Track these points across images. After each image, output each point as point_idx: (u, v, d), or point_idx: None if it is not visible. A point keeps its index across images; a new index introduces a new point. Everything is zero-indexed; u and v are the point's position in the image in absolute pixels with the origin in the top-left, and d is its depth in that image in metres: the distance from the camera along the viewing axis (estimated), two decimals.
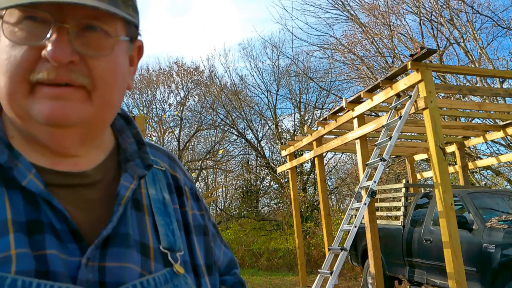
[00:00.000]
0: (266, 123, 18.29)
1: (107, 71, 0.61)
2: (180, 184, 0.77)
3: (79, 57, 0.58)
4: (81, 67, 0.59)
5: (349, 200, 15.55)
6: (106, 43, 0.61)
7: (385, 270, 6.69)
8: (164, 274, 0.64)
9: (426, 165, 13.39)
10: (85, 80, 0.59)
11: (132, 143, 0.72)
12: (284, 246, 13.10)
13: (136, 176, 0.67)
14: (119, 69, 0.64)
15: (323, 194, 8.39)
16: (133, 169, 0.68)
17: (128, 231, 0.63)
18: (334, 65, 15.40)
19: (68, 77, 0.58)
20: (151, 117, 18.43)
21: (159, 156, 0.78)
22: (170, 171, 0.77)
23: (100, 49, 0.60)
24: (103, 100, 0.62)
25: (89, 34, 0.59)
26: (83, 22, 0.59)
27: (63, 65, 0.57)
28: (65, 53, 0.57)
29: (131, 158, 0.70)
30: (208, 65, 27.86)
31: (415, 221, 6.40)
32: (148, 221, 0.67)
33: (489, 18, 11.33)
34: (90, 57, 0.59)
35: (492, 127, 8.28)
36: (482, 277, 4.94)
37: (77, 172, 0.64)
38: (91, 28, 0.59)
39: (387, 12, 12.36)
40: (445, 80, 11.41)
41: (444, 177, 4.91)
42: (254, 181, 18.57)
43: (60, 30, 0.57)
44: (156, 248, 0.65)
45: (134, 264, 0.62)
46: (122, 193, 0.64)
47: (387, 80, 5.89)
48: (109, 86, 0.62)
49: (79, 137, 0.63)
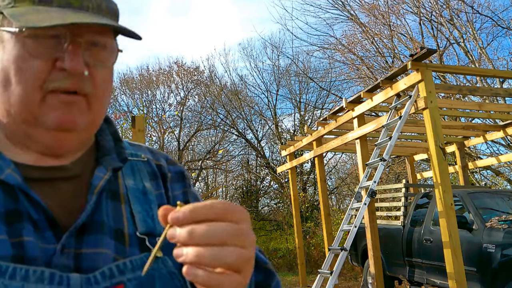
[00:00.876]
0: (266, 123, 18.31)
1: (105, 80, 0.69)
2: (164, 171, 0.82)
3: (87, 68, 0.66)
4: (88, 77, 0.66)
5: (349, 200, 15.55)
6: (106, 55, 0.69)
7: (385, 270, 6.69)
8: (141, 257, 0.68)
9: (426, 165, 13.39)
10: (89, 89, 0.67)
11: (110, 140, 0.78)
12: (284, 246, 13.10)
13: (110, 168, 0.72)
14: (111, 78, 0.72)
15: (323, 194, 8.39)
16: (108, 162, 0.73)
17: (103, 219, 0.67)
18: (334, 65, 15.41)
19: (79, 86, 0.65)
20: (151, 117, 18.43)
21: (140, 151, 0.83)
22: (153, 161, 0.82)
23: (103, 60, 0.68)
24: (99, 107, 0.70)
25: (93, 48, 0.67)
26: (91, 38, 0.67)
27: (77, 75, 0.65)
28: (81, 65, 0.64)
29: (107, 153, 0.75)
30: (208, 65, 27.89)
31: (415, 221, 6.40)
32: (125, 209, 0.71)
33: (489, 18, 11.34)
34: (94, 68, 0.67)
35: (492, 127, 8.28)
36: (482, 277, 4.94)
37: (56, 166, 0.69)
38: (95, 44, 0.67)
39: (387, 12, 12.36)
40: (445, 80, 11.41)
41: (444, 177, 4.91)
42: (254, 181, 18.57)
43: (75, 44, 0.64)
44: (131, 234, 0.69)
45: (107, 249, 0.65)
46: (95, 183, 0.68)
47: (387, 80, 5.89)
48: (104, 94, 0.70)
49: (75, 141, 0.70)
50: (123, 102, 20.37)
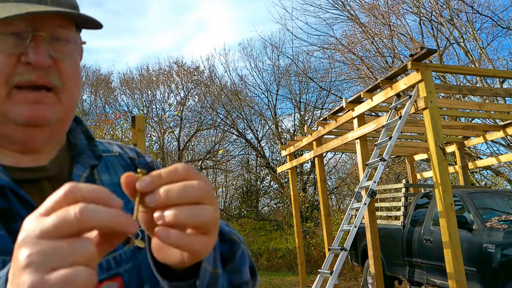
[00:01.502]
0: (266, 123, 18.30)
1: (72, 73, 0.71)
2: (136, 163, 0.84)
3: (52, 61, 0.67)
4: (54, 70, 0.68)
5: (349, 200, 15.55)
6: (70, 48, 0.70)
7: (385, 270, 6.69)
8: (128, 250, 0.69)
9: (426, 165, 13.39)
10: (57, 82, 0.68)
11: (82, 139, 0.80)
12: (284, 246, 13.10)
13: (88, 166, 0.74)
14: (78, 71, 0.74)
15: (323, 194, 8.40)
16: (85, 160, 0.75)
17: None
18: (334, 65, 15.41)
19: (46, 79, 0.66)
20: (151, 117, 18.43)
21: (111, 147, 0.85)
22: (126, 155, 0.84)
23: (67, 53, 0.70)
24: (69, 100, 0.71)
25: (57, 41, 0.68)
26: (53, 31, 0.68)
27: (42, 68, 0.66)
28: (45, 58, 0.65)
29: (82, 152, 0.77)
30: (208, 65, 27.87)
31: (415, 221, 6.40)
32: None
33: (489, 18, 11.34)
34: (60, 61, 0.68)
35: (492, 127, 8.28)
36: (482, 277, 4.94)
37: (36, 166, 0.70)
38: (58, 38, 0.69)
39: (387, 12, 12.36)
40: (445, 80, 11.41)
41: (444, 177, 4.91)
42: (254, 181, 18.57)
43: (38, 38, 0.66)
44: None
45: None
46: (75, 181, 0.70)
47: (387, 80, 5.89)
48: (73, 87, 0.71)
49: (48, 135, 0.70)
50: (123, 102, 20.41)
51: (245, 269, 0.70)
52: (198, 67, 19.56)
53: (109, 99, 20.30)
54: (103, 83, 20.54)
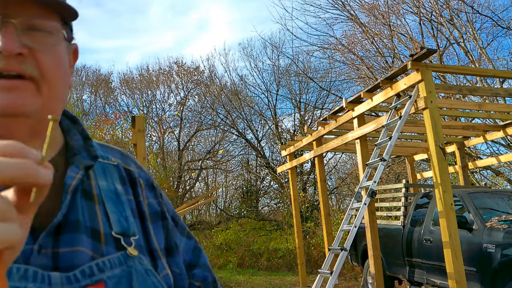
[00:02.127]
0: (266, 123, 18.30)
1: (53, 65, 0.67)
2: (133, 176, 0.82)
3: (28, 50, 0.64)
4: (30, 60, 0.65)
5: (349, 200, 15.55)
6: (50, 39, 0.67)
7: (385, 270, 6.69)
8: (118, 256, 0.68)
9: (426, 165, 13.39)
10: (35, 72, 0.65)
11: (78, 139, 0.77)
12: (284, 246, 13.10)
13: (82, 167, 0.72)
14: (63, 64, 0.70)
15: (323, 194, 8.40)
16: (79, 161, 0.73)
17: (78, 217, 0.67)
18: (334, 65, 15.41)
19: (18, 68, 0.63)
20: (151, 117, 18.43)
21: (110, 153, 0.83)
22: (123, 165, 0.82)
23: (46, 44, 0.67)
24: (50, 92, 0.67)
25: (35, 33, 0.66)
26: (28, 21, 0.65)
27: (13, 56, 0.63)
28: (14, 45, 0.62)
29: (77, 152, 0.75)
30: (208, 65, 27.85)
31: (415, 221, 6.40)
32: (99, 209, 0.71)
33: (489, 18, 11.33)
34: (38, 51, 0.65)
35: (492, 127, 8.28)
36: (482, 277, 4.94)
37: None
38: (36, 29, 0.66)
39: (387, 12, 12.36)
40: (445, 80, 11.41)
41: (444, 177, 4.91)
42: (254, 181, 18.57)
43: (7, 24, 0.63)
44: (107, 234, 0.69)
45: (85, 247, 0.66)
46: (68, 182, 0.69)
47: (387, 80, 5.89)
48: (55, 79, 0.68)
49: (30, 128, 0.67)
50: (123, 102, 20.42)
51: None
52: (198, 67, 19.57)
53: (109, 99, 20.31)
54: (103, 83, 20.54)
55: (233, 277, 10.78)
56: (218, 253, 13.88)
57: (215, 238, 14.63)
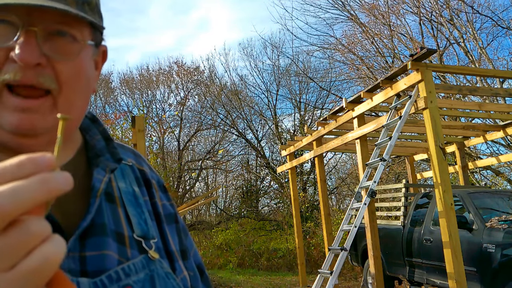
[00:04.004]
0: (266, 123, 18.30)
1: (73, 76, 0.63)
2: (147, 177, 0.80)
3: (46, 60, 0.60)
4: (48, 71, 0.61)
5: (349, 200, 15.55)
6: (73, 47, 0.63)
7: (385, 270, 6.69)
8: (140, 260, 0.67)
9: (426, 165, 13.39)
10: (52, 84, 0.61)
11: (100, 139, 0.75)
12: (284, 246, 13.10)
13: (108, 170, 0.70)
14: (84, 73, 0.66)
15: (323, 194, 8.39)
16: (105, 163, 0.71)
17: (104, 221, 0.66)
18: (334, 65, 15.42)
19: (35, 80, 0.60)
20: (151, 117, 18.43)
21: (125, 153, 0.80)
22: (137, 166, 0.80)
23: (67, 53, 0.62)
24: (68, 104, 0.64)
25: (57, 38, 0.61)
26: (51, 27, 0.61)
27: (31, 67, 0.59)
28: (33, 55, 0.59)
29: (100, 154, 0.72)
30: (208, 65, 27.86)
31: (415, 221, 6.40)
32: (121, 212, 0.70)
33: (489, 18, 11.34)
34: (57, 61, 0.61)
35: (492, 127, 8.28)
36: (482, 277, 4.94)
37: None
38: (59, 34, 0.62)
39: (387, 12, 12.36)
40: (445, 80, 11.41)
41: (444, 177, 4.91)
42: (254, 181, 18.57)
43: (28, 33, 0.59)
44: (130, 236, 0.69)
45: (112, 251, 0.65)
46: (97, 186, 0.67)
47: (387, 80, 5.89)
48: (74, 90, 0.64)
49: (44, 143, 0.64)
50: (123, 102, 20.40)
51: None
52: (198, 67, 19.57)
53: (109, 99, 20.30)
54: (103, 83, 20.53)
55: (233, 277, 10.78)
56: (218, 253, 13.88)
57: (215, 238, 14.63)
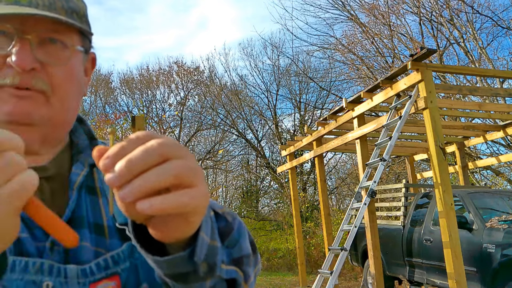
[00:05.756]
0: (266, 123, 18.31)
1: (65, 79, 0.69)
2: None
3: (40, 65, 0.66)
4: (42, 75, 0.66)
5: (349, 200, 15.55)
6: (65, 53, 0.69)
7: (385, 270, 6.69)
8: (125, 249, 0.69)
9: (426, 165, 13.39)
10: (45, 86, 0.67)
11: (84, 138, 0.79)
12: (284, 246, 13.10)
13: (87, 164, 0.74)
14: (75, 77, 0.72)
15: (323, 194, 8.39)
16: (84, 159, 0.74)
17: (83, 213, 0.69)
18: (334, 65, 15.42)
19: (29, 83, 0.65)
20: (151, 117, 18.44)
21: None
22: None
23: (59, 58, 0.68)
24: (60, 104, 0.69)
25: (49, 45, 0.67)
26: (44, 35, 0.66)
27: (26, 72, 0.65)
28: (28, 61, 0.64)
29: (83, 151, 0.76)
30: (208, 65, 27.88)
31: (415, 221, 6.40)
32: (102, 202, 0.72)
33: (489, 18, 11.34)
34: (50, 66, 0.67)
35: (492, 127, 8.28)
36: (482, 277, 4.94)
37: (36, 166, 0.69)
38: (51, 41, 0.67)
39: (387, 12, 12.36)
40: (445, 80, 11.41)
41: (444, 177, 4.90)
42: (254, 181, 18.58)
43: (23, 41, 0.65)
44: (111, 226, 0.70)
45: (87, 242, 0.67)
46: (73, 179, 0.70)
47: (387, 80, 5.88)
48: (66, 92, 0.69)
49: (40, 136, 0.69)
50: (123, 102, 20.42)
51: (244, 242, 0.67)
52: (198, 67, 19.59)
53: (109, 99, 20.31)
54: (103, 83, 20.54)
55: None
56: None
57: None
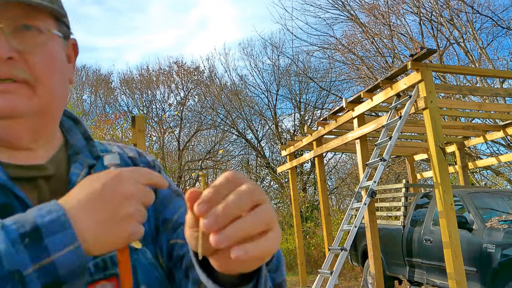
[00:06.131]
0: (266, 123, 18.30)
1: (45, 64, 0.67)
2: (136, 162, 0.82)
3: (17, 54, 0.64)
4: (21, 64, 0.64)
5: (349, 200, 15.55)
6: (40, 38, 0.66)
7: (385, 270, 6.69)
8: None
9: (426, 165, 13.39)
10: (26, 75, 0.65)
11: (80, 139, 0.78)
12: (284, 246, 13.10)
13: (86, 165, 0.73)
14: (57, 62, 0.69)
15: (323, 194, 8.39)
16: (83, 159, 0.74)
17: None
18: (334, 65, 15.42)
19: (9, 73, 0.63)
20: (151, 117, 18.44)
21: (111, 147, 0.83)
22: (125, 154, 0.82)
23: (35, 44, 0.66)
24: (47, 92, 0.67)
25: (24, 32, 0.65)
26: (16, 22, 0.64)
27: (3, 62, 0.63)
28: (3, 50, 0.62)
29: (80, 152, 0.75)
30: (208, 65, 27.88)
31: (415, 221, 6.40)
32: None
33: (489, 18, 11.34)
34: (28, 53, 0.65)
35: (492, 127, 8.27)
36: (482, 277, 4.94)
37: (35, 165, 0.69)
38: (25, 27, 0.65)
39: (387, 12, 12.36)
40: (445, 80, 11.41)
41: (444, 177, 4.90)
42: (254, 181, 18.56)
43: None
44: None
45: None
46: (73, 179, 0.69)
47: (387, 80, 5.88)
48: (49, 79, 0.67)
49: (29, 128, 0.68)
50: (123, 102, 20.41)
51: (283, 266, 0.68)
52: (198, 67, 19.58)
53: (109, 99, 20.31)
54: (103, 83, 20.54)
55: None
56: None
57: None
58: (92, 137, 0.80)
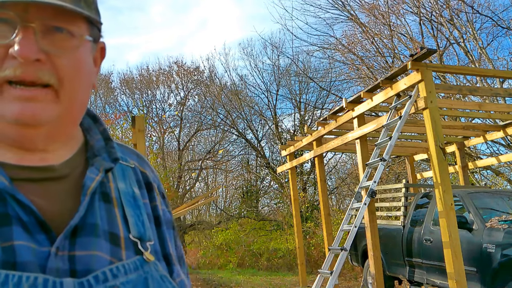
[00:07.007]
0: (266, 123, 18.30)
1: (73, 69, 0.65)
2: (149, 180, 0.80)
3: (45, 56, 0.62)
4: (48, 66, 0.62)
5: (349, 200, 15.55)
6: (71, 42, 0.64)
7: (385, 270, 6.69)
8: (134, 261, 0.66)
9: (426, 165, 13.39)
10: (52, 79, 0.63)
11: (99, 139, 0.76)
12: (284, 246, 13.10)
13: (102, 169, 0.70)
14: (84, 68, 0.67)
15: (323, 194, 8.39)
16: (100, 163, 0.71)
17: (96, 221, 0.66)
18: (334, 65, 15.40)
19: (35, 75, 0.61)
20: (151, 117, 18.44)
21: (128, 154, 0.81)
22: (139, 168, 0.80)
23: (65, 48, 0.64)
24: (70, 98, 0.65)
25: (55, 34, 0.63)
26: (48, 23, 0.62)
27: (30, 63, 0.60)
28: (32, 51, 0.60)
29: (98, 153, 0.73)
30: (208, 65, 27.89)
31: (415, 221, 6.40)
32: (118, 212, 0.70)
33: (489, 18, 11.32)
34: (57, 56, 0.63)
35: (492, 127, 8.27)
36: (482, 277, 4.94)
37: (43, 166, 0.67)
38: (57, 30, 0.63)
39: (387, 12, 12.36)
40: (445, 80, 11.41)
41: (444, 177, 4.90)
42: (254, 181, 18.57)
43: (26, 29, 0.60)
44: (126, 237, 0.68)
45: (102, 252, 0.64)
46: (87, 184, 0.67)
47: (387, 80, 5.88)
48: (74, 84, 0.65)
49: (47, 133, 0.65)
50: (123, 102, 20.41)
51: None
52: (198, 67, 19.59)
53: (109, 99, 20.30)
54: (103, 83, 20.53)
55: (233, 277, 10.78)
56: (218, 253, 13.89)
57: (215, 238, 14.64)
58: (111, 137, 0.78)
